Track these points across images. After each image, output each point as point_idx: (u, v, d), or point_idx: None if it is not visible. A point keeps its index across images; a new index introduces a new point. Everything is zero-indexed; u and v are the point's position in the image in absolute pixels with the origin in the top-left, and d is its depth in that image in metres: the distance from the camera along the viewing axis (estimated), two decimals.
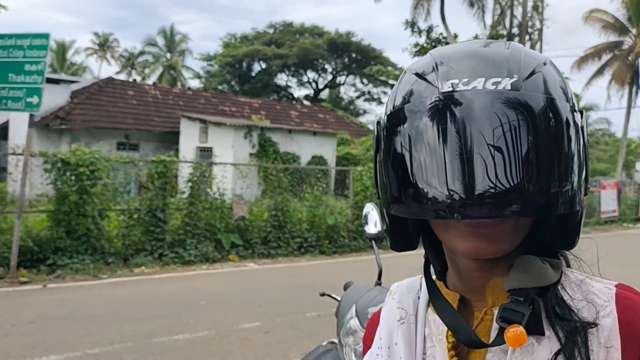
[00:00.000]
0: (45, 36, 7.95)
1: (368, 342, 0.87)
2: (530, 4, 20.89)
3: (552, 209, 0.64)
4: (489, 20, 21.52)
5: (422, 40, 20.77)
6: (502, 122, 0.63)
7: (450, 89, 0.66)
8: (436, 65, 0.70)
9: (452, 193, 0.63)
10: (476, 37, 20.97)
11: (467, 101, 0.65)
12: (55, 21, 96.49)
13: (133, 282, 8.14)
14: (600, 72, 27.47)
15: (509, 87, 0.65)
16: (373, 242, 2.32)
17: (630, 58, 26.48)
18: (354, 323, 1.92)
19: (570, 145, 0.66)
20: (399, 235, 0.80)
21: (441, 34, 20.68)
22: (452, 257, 0.77)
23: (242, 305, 6.73)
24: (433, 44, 20.36)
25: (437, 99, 0.66)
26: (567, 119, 0.66)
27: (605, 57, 27.51)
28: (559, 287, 0.72)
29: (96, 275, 8.40)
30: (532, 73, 0.67)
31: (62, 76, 25.11)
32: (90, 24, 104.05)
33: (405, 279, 0.90)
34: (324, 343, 2.29)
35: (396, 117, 0.70)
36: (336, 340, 2.08)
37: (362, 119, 36.39)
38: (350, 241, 11.93)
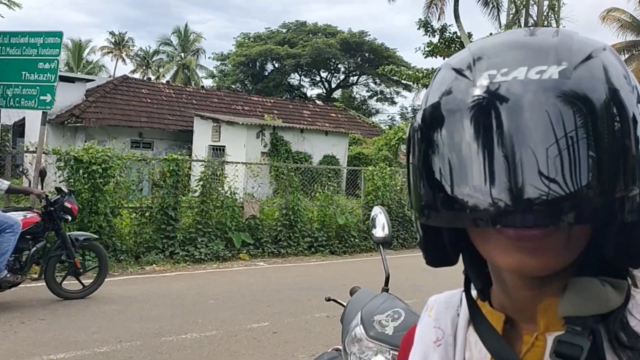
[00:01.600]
0: (59, 34, 8.01)
1: (403, 357, 0.79)
2: (546, 3, 20.66)
3: (616, 217, 0.55)
4: (503, 19, 21.32)
5: (435, 39, 20.63)
6: (550, 116, 0.54)
7: (488, 81, 0.58)
8: (474, 58, 0.62)
9: (492, 199, 0.55)
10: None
11: (507, 94, 0.56)
12: (71, 20, 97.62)
13: (144, 279, 8.17)
14: None
15: (557, 76, 0.56)
16: (380, 247, 2.26)
17: None
18: (359, 331, 1.87)
19: (637, 142, 0.56)
20: (433, 249, 0.70)
21: (455, 33, 20.52)
22: (496, 272, 0.68)
23: (251, 305, 6.72)
24: (447, 43, 20.21)
25: (473, 93, 0.59)
26: (633, 114, 0.56)
27: (623, 57, 27.15)
28: (626, 312, 0.62)
29: (108, 273, 8.42)
30: (587, 59, 0.58)
31: (78, 75, 25.34)
32: (106, 23, 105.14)
33: (439, 287, 0.81)
34: (329, 350, 2.25)
35: (430, 116, 0.62)
36: (341, 348, 2.04)
37: (375, 119, 36.30)
38: (360, 241, 11.88)
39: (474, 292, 0.73)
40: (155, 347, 5.06)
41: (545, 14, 20.72)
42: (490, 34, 21.17)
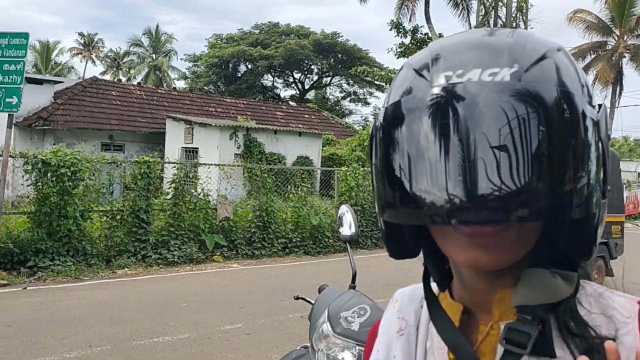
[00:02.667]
0: (25, 35, 7.85)
1: (367, 353, 0.81)
2: (514, 5, 21.05)
3: (565, 213, 0.57)
4: (473, 20, 21.64)
5: (407, 40, 20.83)
6: (502, 116, 0.56)
7: (444, 82, 0.60)
8: (432, 59, 0.64)
9: (447, 196, 0.57)
10: None
11: (462, 95, 0.58)
12: (39, 21, 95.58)
13: (115, 283, 8.06)
14: (584, 72, 27.76)
15: (508, 78, 0.58)
16: (347, 245, 2.29)
17: (613, 58, 26.83)
18: (325, 327, 1.89)
19: (584, 141, 0.58)
20: (395, 242, 0.73)
21: (426, 34, 20.76)
22: (455, 265, 0.71)
23: (224, 307, 6.69)
24: (418, 44, 20.42)
25: (431, 93, 0.60)
26: (582, 112, 0.59)
27: (589, 57, 27.86)
28: (575, 302, 0.65)
29: (78, 277, 8.31)
30: (539, 60, 0.60)
31: (46, 76, 24.82)
32: (75, 24, 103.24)
33: (410, 285, 0.83)
34: (298, 348, 2.27)
35: (391, 115, 0.64)
36: (309, 345, 2.06)
37: (348, 120, 36.43)
38: (334, 241, 11.92)
39: (434, 285, 0.76)
40: (126, 351, 5.00)
41: (513, 15, 21.11)
42: None
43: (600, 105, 0.64)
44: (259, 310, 6.53)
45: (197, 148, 17.15)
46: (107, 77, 41.50)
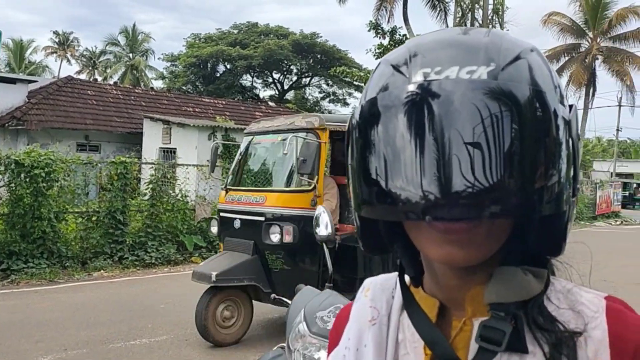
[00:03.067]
0: None
1: (335, 337, 0.80)
2: (490, 7, 21.33)
3: (536, 210, 0.59)
4: (450, 22, 21.86)
5: (385, 41, 20.95)
6: (477, 114, 0.57)
7: (422, 79, 0.61)
8: (410, 55, 0.64)
9: (422, 193, 0.57)
10: None
11: (439, 92, 0.59)
12: (12, 19, 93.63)
13: (91, 286, 7.95)
14: (558, 73, 27.57)
15: (485, 77, 0.59)
16: (324, 245, 2.30)
17: (587, 60, 27.36)
18: (302, 327, 1.90)
19: (556, 139, 0.60)
20: (369, 238, 0.73)
21: (405, 35, 20.90)
22: (428, 261, 0.71)
23: None
24: (396, 45, 20.55)
25: (407, 90, 0.61)
26: (554, 110, 0.60)
27: (563, 59, 28.36)
28: (545, 298, 0.66)
29: (52, 280, 8.17)
30: (514, 60, 0.61)
31: (20, 75, 24.34)
32: (50, 22, 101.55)
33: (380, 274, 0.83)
34: (274, 348, 2.27)
35: (367, 111, 0.64)
36: (285, 345, 2.06)
37: None
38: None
39: (407, 278, 0.76)
40: (102, 354, 4.93)
41: (490, 17, 21.39)
42: None
43: (571, 106, 0.65)
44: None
45: (175, 148, 16.99)
46: (83, 76, 40.92)
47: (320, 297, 2.03)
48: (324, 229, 2.27)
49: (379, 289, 0.78)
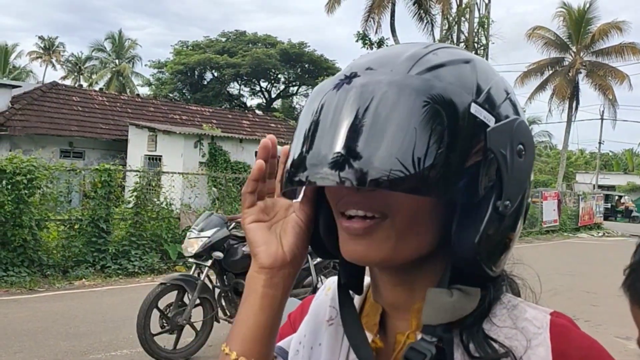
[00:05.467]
0: None
1: (296, 319, 0.82)
2: (476, 20, 21.60)
3: (385, 183, 0.58)
4: (437, 34, 22.09)
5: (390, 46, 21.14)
6: (365, 99, 0.61)
7: (341, 76, 0.66)
8: (351, 64, 0.70)
9: (297, 159, 0.64)
10: None
11: (348, 83, 0.64)
12: None
13: (72, 295, 7.82)
14: (542, 86, 28.69)
15: (397, 76, 0.63)
16: (309, 256, 2.29)
17: (570, 74, 27.77)
18: None
19: (441, 132, 0.59)
20: (315, 243, 0.73)
21: (392, 46, 21.10)
22: (370, 270, 0.73)
23: None
24: None
25: (325, 85, 0.67)
26: (451, 106, 0.61)
27: (547, 73, 28.76)
28: (489, 315, 0.66)
29: (32, 289, 8.03)
30: (435, 67, 0.64)
31: (3, 80, 24.07)
32: (35, 27, 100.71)
33: None
34: None
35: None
36: None
37: None
38: None
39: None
40: None
41: (475, 30, 21.65)
42: None
43: (515, 119, 0.66)
44: (222, 321, 6.42)
45: (161, 156, 16.89)
46: (68, 82, 40.52)
47: None
48: None
49: None
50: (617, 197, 37.40)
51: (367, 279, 0.77)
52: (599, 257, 14.33)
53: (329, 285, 0.81)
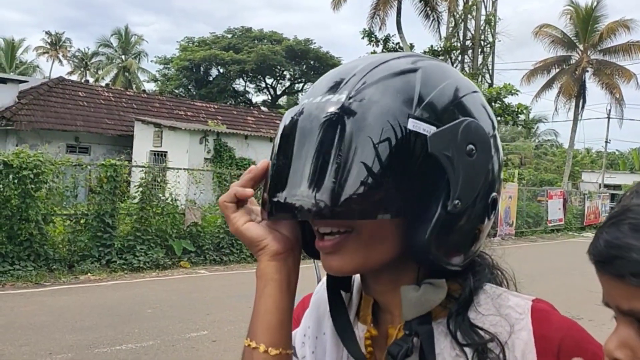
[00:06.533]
0: None
1: (299, 314, 0.84)
2: (483, 18, 21.51)
3: (321, 213, 0.63)
4: (443, 32, 22.02)
5: (379, 49, 21.04)
6: (311, 134, 0.65)
7: (301, 105, 0.70)
8: (310, 87, 0.75)
9: (264, 195, 0.70)
10: (431, 48, 21.41)
11: (299, 113, 0.68)
12: (3, 18, 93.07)
13: (78, 289, 7.87)
14: (548, 85, 28.54)
15: (334, 100, 0.67)
16: None
17: (577, 72, 27.61)
18: None
19: (372, 158, 0.63)
20: (308, 247, 0.77)
21: (398, 43, 21.02)
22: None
23: (190, 313, 6.60)
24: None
25: (291, 110, 0.71)
26: (388, 127, 0.64)
27: (554, 71, 28.59)
28: (474, 304, 0.70)
29: (38, 283, 8.08)
30: (367, 85, 0.67)
31: (10, 75, 24.16)
32: (42, 22, 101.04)
33: None
34: None
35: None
36: None
37: None
38: None
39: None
40: (88, 359, 4.88)
41: (482, 28, 21.56)
42: (431, 46, 21.84)
43: (461, 122, 0.67)
44: (225, 317, 6.47)
45: (166, 152, 16.92)
46: (74, 77, 40.62)
47: None
48: None
49: None
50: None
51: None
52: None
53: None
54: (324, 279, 0.86)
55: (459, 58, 22.67)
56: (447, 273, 0.70)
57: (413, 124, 0.65)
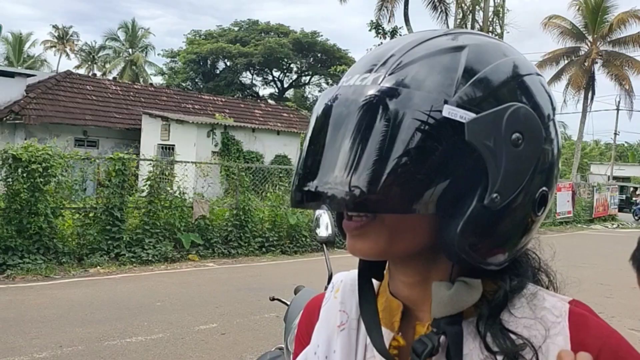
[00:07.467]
0: None
1: (304, 331, 0.81)
2: (491, 9, 21.33)
3: (356, 205, 0.60)
4: (451, 23, 21.84)
5: (386, 41, 20.96)
6: (340, 116, 0.62)
7: (336, 86, 0.66)
8: (352, 66, 0.70)
9: (295, 182, 0.65)
10: None
11: (336, 96, 0.64)
12: (11, 12, 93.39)
13: (87, 282, 7.92)
14: (557, 76, 28.31)
15: (370, 82, 0.63)
16: (324, 246, 2.27)
17: (586, 64, 27.36)
18: None
19: (408, 138, 0.59)
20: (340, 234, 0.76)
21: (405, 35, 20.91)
22: (389, 263, 0.74)
23: (199, 306, 6.62)
24: None
25: (325, 93, 0.67)
26: (422, 115, 0.59)
27: (563, 62, 28.36)
28: (509, 304, 0.65)
29: (48, 276, 8.13)
30: (405, 65, 0.63)
31: (18, 69, 24.26)
32: (49, 16, 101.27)
33: (352, 270, 0.81)
34: (272, 349, 2.25)
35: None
36: (284, 346, 2.04)
37: None
38: (312, 241, 11.89)
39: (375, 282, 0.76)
40: (98, 351, 4.91)
41: (490, 19, 21.38)
42: None
43: (507, 107, 0.62)
44: (234, 310, 6.48)
45: (174, 145, 16.95)
46: (82, 71, 40.75)
47: None
48: (324, 230, 2.24)
49: (349, 290, 0.78)
50: (632, 189, 36.93)
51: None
52: (613, 249, 14.19)
53: (337, 286, 0.80)
54: (335, 281, 0.82)
55: None
56: (484, 271, 0.65)
57: (449, 110, 0.60)
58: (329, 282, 2.31)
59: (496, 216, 0.62)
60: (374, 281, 0.76)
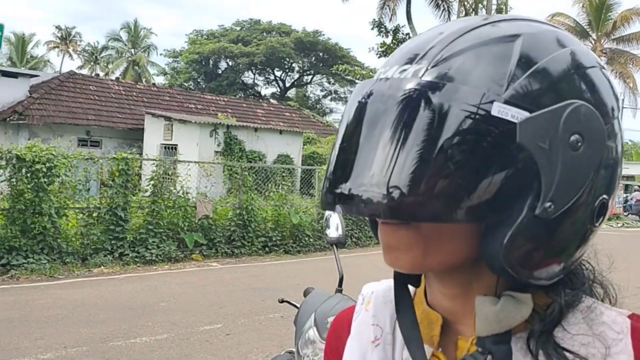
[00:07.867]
0: None
1: (335, 347, 0.75)
2: (494, 7, 21.27)
3: (398, 214, 0.55)
4: None
5: (388, 40, 20.90)
6: (379, 113, 0.56)
7: (376, 77, 0.61)
8: (392, 54, 0.64)
9: (326, 184, 0.59)
10: None
11: (370, 91, 0.59)
12: (14, 12, 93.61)
13: (91, 282, 7.90)
14: None
15: (410, 75, 0.57)
16: (334, 247, 2.23)
17: None
18: (312, 333, 1.85)
19: (458, 141, 0.53)
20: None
21: (407, 34, 20.85)
22: (425, 275, 0.68)
23: (203, 307, 6.60)
24: (399, 44, 20.50)
25: (359, 89, 0.61)
26: (468, 112, 0.53)
27: None
28: (564, 320, 0.59)
29: (52, 276, 8.12)
30: (450, 57, 0.56)
31: (21, 70, 24.29)
32: (52, 16, 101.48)
33: (382, 280, 0.76)
34: (282, 353, 2.22)
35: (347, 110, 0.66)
36: (294, 350, 2.01)
37: (329, 118, 36.45)
38: (315, 240, 11.88)
39: (411, 288, 0.70)
40: (102, 352, 4.89)
41: None
42: None
43: (567, 105, 0.55)
44: (238, 310, 6.46)
45: (177, 145, 16.95)
46: (85, 71, 40.80)
47: (331, 301, 1.97)
48: (334, 231, 2.21)
49: (381, 302, 0.72)
50: (636, 187, 36.80)
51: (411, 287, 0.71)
52: (618, 248, 14.14)
53: (368, 298, 0.75)
54: (365, 293, 0.76)
55: None
56: (534, 284, 0.59)
57: (499, 109, 0.53)
58: (340, 284, 2.28)
59: (548, 227, 0.56)
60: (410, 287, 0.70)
